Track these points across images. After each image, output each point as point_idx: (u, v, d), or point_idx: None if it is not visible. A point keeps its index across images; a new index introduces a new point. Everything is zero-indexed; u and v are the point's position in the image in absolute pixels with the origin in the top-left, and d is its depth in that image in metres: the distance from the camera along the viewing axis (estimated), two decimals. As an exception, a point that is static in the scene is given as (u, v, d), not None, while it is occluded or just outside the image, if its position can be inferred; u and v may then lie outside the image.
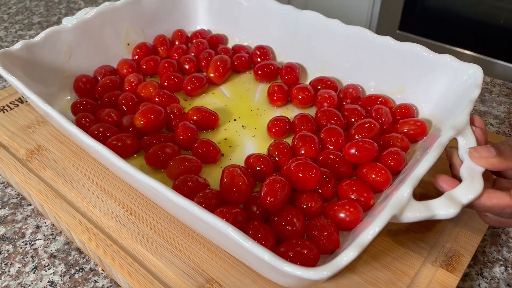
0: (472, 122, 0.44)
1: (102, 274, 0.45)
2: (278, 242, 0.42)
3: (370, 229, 0.34)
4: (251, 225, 0.41)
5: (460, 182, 0.39)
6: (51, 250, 0.47)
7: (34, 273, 0.45)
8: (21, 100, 0.63)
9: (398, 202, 0.37)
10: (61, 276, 0.45)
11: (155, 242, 0.44)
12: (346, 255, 0.32)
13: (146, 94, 0.60)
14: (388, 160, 0.48)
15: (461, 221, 0.46)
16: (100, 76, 0.63)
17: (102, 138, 0.52)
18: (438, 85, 0.54)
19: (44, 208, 0.49)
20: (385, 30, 1.46)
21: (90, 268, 0.46)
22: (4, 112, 0.61)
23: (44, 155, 0.54)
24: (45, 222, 0.51)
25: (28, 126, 0.58)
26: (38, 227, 0.50)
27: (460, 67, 0.51)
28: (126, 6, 0.66)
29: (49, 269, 0.46)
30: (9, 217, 0.51)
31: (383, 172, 0.46)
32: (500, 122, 0.64)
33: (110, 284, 0.44)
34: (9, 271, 0.45)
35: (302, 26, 0.63)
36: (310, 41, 0.64)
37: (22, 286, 0.44)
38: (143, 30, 0.69)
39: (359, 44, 0.59)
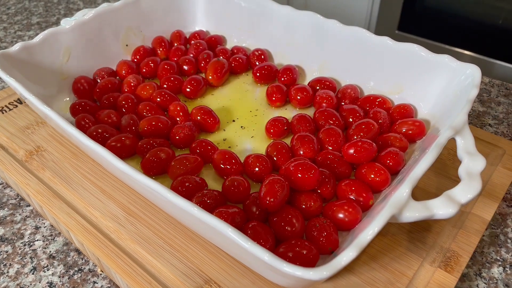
0: None
1: (101, 275, 0.45)
2: (277, 242, 0.42)
3: (369, 229, 0.34)
4: (250, 225, 0.41)
5: None
6: (50, 251, 0.47)
7: (33, 274, 0.45)
8: (20, 101, 0.63)
9: (397, 202, 0.37)
10: (60, 277, 0.45)
11: (154, 243, 0.44)
12: (345, 256, 0.33)
13: (145, 95, 0.60)
14: (387, 160, 0.48)
15: (459, 221, 0.46)
16: (99, 77, 0.63)
17: (101, 140, 0.52)
18: (436, 85, 0.54)
19: (43, 209, 0.49)
20: (384, 30, 1.46)
21: (89, 269, 0.46)
22: (3, 113, 0.61)
23: (43, 156, 0.54)
24: (44, 223, 0.51)
25: (27, 127, 0.58)
26: (37, 228, 0.50)
27: (458, 67, 0.51)
28: (124, 7, 0.66)
29: (48, 270, 0.46)
30: (8, 218, 0.51)
31: (382, 172, 0.46)
32: (498, 123, 0.64)
33: (109, 285, 0.44)
34: (8, 272, 0.45)
35: (300, 26, 0.64)
36: (309, 41, 0.64)
37: (21, 287, 0.44)
38: (142, 31, 0.69)
39: (358, 44, 0.59)
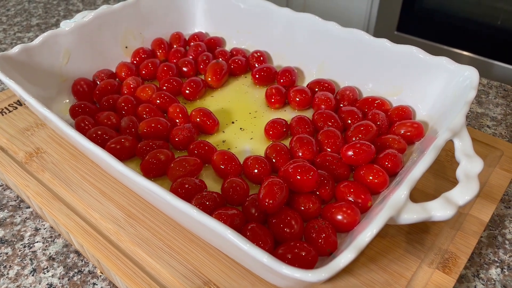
0: None
1: (100, 276, 0.45)
2: (276, 244, 0.42)
3: (368, 231, 0.34)
4: (249, 227, 0.41)
5: None
6: (50, 253, 0.48)
7: (33, 275, 0.45)
8: (19, 102, 0.63)
9: (395, 204, 0.37)
10: (59, 278, 0.45)
11: (154, 244, 0.44)
12: (344, 257, 0.33)
13: (144, 97, 0.60)
14: (385, 162, 0.48)
15: (457, 223, 0.46)
16: (98, 79, 0.63)
17: (101, 141, 0.52)
18: (434, 87, 0.54)
19: (43, 210, 0.49)
20: (383, 31, 1.46)
21: (89, 270, 0.46)
22: (2, 114, 0.61)
23: (42, 158, 0.54)
24: (44, 225, 0.51)
25: (26, 129, 0.58)
26: (37, 230, 0.50)
27: (456, 69, 0.51)
28: (124, 9, 0.66)
29: (48, 271, 0.46)
30: (8, 219, 0.51)
31: (380, 174, 0.47)
32: (496, 124, 0.64)
33: (109, 286, 0.44)
34: (8, 274, 0.46)
35: (299, 28, 0.64)
36: (308, 43, 0.64)
37: (21, 289, 0.44)
38: (141, 33, 0.70)
39: (356, 46, 0.59)
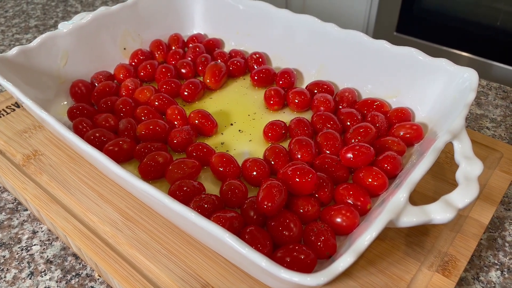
0: None
1: (98, 279, 0.45)
2: (275, 247, 0.42)
3: (367, 234, 0.34)
4: (248, 230, 0.41)
5: None
6: (48, 256, 0.47)
7: (30, 279, 0.45)
8: (17, 104, 0.63)
9: (394, 207, 0.37)
10: (57, 281, 0.45)
11: (152, 247, 0.44)
12: (343, 261, 0.32)
13: (143, 99, 0.60)
14: (384, 164, 0.48)
15: (457, 225, 0.46)
16: (96, 81, 0.63)
17: (99, 144, 0.52)
18: (434, 88, 0.54)
19: (40, 213, 0.49)
20: (382, 32, 1.46)
21: (87, 273, 0.46)
22: (0, 116, 0.61)
23: (40, 160, 0.54)
24: (41, 228, 0.50)
25: (24, 131, 0.58)
26: (34, 233, 0.50)
27: (455, 71, 0.51)
28: (122, 10, 0.66)
29: (45, 274, 0.45)
30: (5, 222, 0.51)
31: (380, 176, 0.46)
32: (496, 126, 0.64)
33: (107, 289, 0.44)
34: (5, 277, 0.45)
35: (298, 30, 0.64)
36: (307, 45, 0.64)
37: (18, 292, 0.44)
38: (139, 34, 0.69)
39: (355, 48, 0.59)
